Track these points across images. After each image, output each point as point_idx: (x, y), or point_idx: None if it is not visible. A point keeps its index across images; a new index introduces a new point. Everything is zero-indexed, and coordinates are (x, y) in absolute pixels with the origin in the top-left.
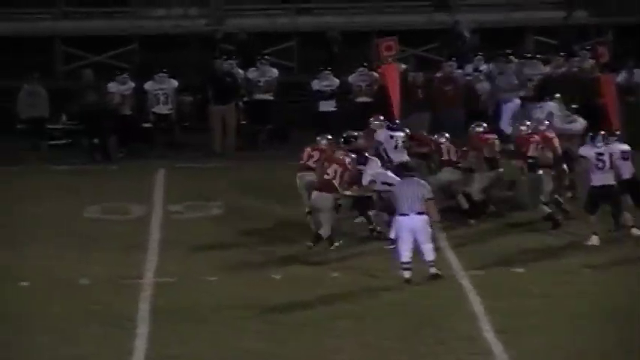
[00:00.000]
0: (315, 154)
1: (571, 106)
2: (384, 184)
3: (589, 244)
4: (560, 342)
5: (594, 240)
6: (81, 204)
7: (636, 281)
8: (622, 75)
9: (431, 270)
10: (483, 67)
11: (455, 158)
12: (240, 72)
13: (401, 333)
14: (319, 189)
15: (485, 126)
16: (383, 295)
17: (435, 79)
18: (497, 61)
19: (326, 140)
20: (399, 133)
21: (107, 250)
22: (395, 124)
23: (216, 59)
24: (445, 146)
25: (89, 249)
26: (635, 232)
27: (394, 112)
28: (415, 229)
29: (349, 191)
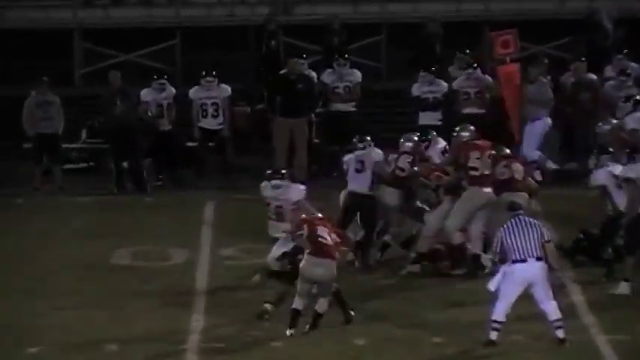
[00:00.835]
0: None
1: None
2: None
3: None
4: None
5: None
6: (107, 247)
7: None
8: None
9: (557, 333)
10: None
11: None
12: (314, 75)
13: None
14: None
15: (472, 130)
16: None
17: (566, 86)
18: None
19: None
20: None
21: (140, 308)
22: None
23: (288, 58)
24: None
25: (117, 306)
26: None
27: (512, 130)
28: (531, 280)
29: None
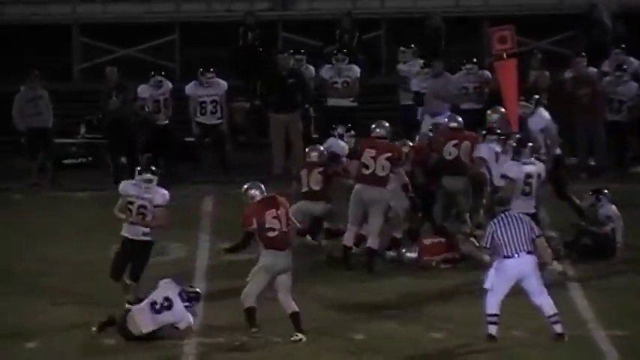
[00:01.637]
0: None
1: None
2: None
3: None
4: None
5: None
6: (105, 243)
7: None
8: None
9: (556, 328)
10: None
11: None
12: (311, 70)
13: None
14: None
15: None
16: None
17: (566, 81)
18: None
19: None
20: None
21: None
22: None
23: (280, 54)
24: None
25: (116, 301)
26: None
27: (510, 124)
28: (523, 275)
29: None
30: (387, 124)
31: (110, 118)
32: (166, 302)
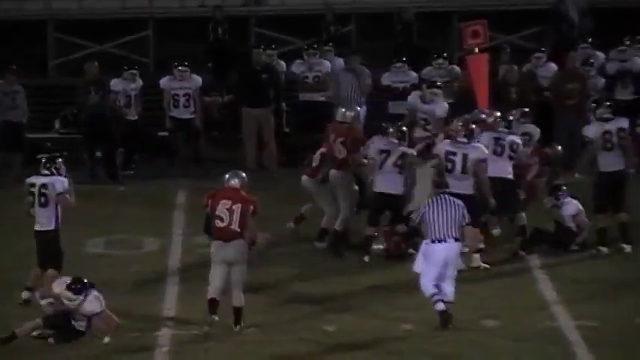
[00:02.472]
0: None
1: None
2: None
3: None
4: None
5: None
6: (80, 237)
7: None
8: None
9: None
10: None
11: None
12: (282, 65)
13: None
14: None
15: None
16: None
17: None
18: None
19: None
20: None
21: (114, 296)
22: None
23: (255, 49)
24: None
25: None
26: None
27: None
28: (448, 259)
29: None
30: (350, 112)
31: (88, 113)
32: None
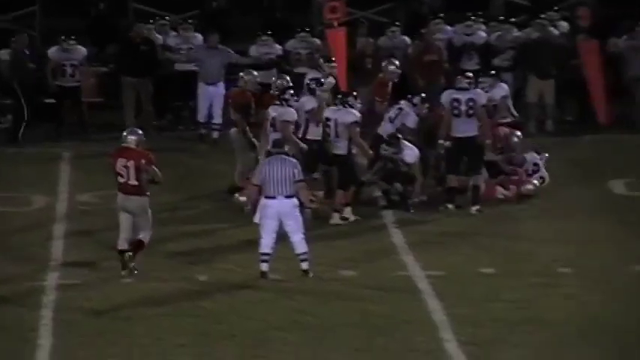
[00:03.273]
0: None
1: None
2: None
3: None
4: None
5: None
6: None
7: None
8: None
9: (302, 265)
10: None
11: None
12: (159, 38)
13: (350, 344)
14: None
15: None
16: (328, 301)
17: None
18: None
19: None
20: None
21: (4, 249)
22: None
23: (139, 23)
24: None
25: None
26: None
27: (340, 86)
28: (282, 215)
29: None
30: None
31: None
32: None
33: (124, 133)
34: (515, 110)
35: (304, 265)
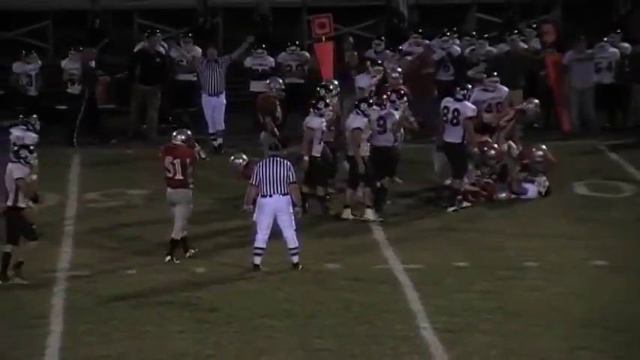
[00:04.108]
0: None
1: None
2: None
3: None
4: (510, 344)
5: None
6: None
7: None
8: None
9: (293, 259)
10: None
11: None
12: (162, 50)
13: (334, 331)
14: None
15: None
16: (314, 291)
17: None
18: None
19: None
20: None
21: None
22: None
23: (153, 36)
24: None
25: None
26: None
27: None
28: (277, 210)
29: None
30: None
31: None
32: None
33: (174, 133)
34: None
35: (295, 259)
